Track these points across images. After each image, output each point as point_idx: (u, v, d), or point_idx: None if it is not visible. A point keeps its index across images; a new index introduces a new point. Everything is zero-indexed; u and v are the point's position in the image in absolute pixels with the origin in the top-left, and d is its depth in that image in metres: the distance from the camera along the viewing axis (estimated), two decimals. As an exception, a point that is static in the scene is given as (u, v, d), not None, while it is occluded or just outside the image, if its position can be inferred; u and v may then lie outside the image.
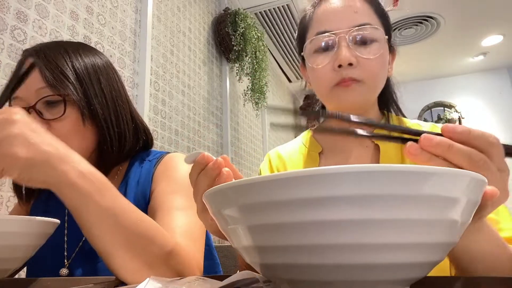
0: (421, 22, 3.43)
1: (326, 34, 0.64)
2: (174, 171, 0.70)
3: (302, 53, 0.70)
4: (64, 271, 0.65)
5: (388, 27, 0.68)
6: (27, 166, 0.43)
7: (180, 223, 0.59)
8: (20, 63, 0.64)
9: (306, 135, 0.80)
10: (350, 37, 0.62)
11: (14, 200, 1.01)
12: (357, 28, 0.62)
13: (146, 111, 1.63)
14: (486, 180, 0.28)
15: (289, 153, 0.78)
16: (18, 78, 0.57)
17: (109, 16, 1.50)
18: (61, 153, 0.46)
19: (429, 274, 0.30)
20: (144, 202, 0.68)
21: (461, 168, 0.31)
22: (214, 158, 0.39)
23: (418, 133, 0.34)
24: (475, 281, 0.33)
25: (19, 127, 0.43)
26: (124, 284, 0.49)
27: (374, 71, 0.63)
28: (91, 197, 0.47)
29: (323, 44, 0.65)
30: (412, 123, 0.73)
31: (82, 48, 0.70)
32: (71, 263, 0.66)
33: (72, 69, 0.64)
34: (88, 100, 0.65)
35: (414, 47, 3.91)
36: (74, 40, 0.84)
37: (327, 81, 0.64)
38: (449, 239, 0.27)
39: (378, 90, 0.67)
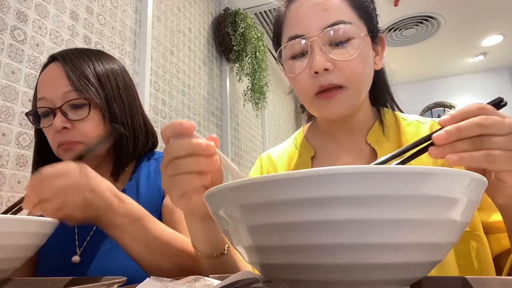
0: (421, 22, 3.43)
1: (298, 39, 0.60)
2: None
3: (279, 59, 0.66)
4: (76, 258, 0.70)
5: (369, 18, 0.63)
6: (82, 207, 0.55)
7: None
8: (45, 67, 0.74)
9: (298, 137, 0.76)
10: (323, 40, 0.58)
11: (14, 200, 1.01)
12: (328, 28, 0.58)
13: (146, 111, 1.62)
14: (486, 181, 0.28)
15: (280, 156, 0.74)
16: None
17: (109, 16, 1.49)
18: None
19: (429, 274, 0.30)
20: (159, 195, 0.77)
21: (482, 135, 0.36)
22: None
23: (428, 138, 0.38)
24: (475, 281, 0.34)
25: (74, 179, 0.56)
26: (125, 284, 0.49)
27: (356, 72, 0.58)
28: (126, 231, 0.58)
29: (296, 50, 0.61)
30: (411, 119, 0.68)
31: (102, 56, 0.78)
32: (83, 251, 0.71)
33: (95, 75, 0.73)
34: (108, 103, 0.73)
35: (414, 47, 3.91)
36: (93, 48, 0.87)
37: (307, 89, 0.61)
38: (449, 239, 0.27)
39: (364, 91, 0.62)
